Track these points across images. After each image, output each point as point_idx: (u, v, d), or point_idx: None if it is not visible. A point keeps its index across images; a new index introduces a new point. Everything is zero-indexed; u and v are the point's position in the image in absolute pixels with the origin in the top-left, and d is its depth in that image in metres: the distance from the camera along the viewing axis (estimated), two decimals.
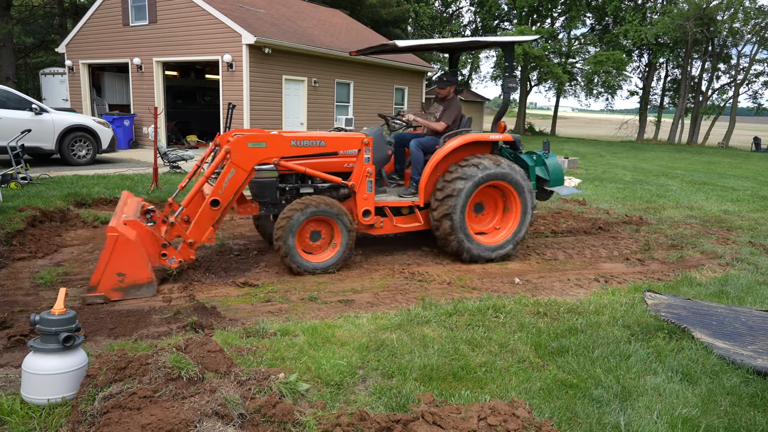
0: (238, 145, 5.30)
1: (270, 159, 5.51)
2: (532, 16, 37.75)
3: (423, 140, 6.48)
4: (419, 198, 6.26)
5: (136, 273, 4.73)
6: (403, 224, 6.34)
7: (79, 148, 12.39)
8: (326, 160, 5.89)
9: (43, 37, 31.59)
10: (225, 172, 5.29)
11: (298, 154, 5.68)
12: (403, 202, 6.26)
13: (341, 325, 4.05)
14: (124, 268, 4.67)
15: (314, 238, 5.69)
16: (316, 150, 5.74)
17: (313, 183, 5.95)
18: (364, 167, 5.85)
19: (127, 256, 4.66)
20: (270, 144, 5.47)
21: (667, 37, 31.88)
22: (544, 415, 2.91)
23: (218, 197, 5.28)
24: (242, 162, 5.33)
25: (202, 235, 5.31)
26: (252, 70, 14.89)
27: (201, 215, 5.28)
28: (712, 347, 3.84)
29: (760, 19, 31.67)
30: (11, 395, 2.86)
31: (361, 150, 5.84)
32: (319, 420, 2.61)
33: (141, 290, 4.80)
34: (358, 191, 5.88)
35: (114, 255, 4.61)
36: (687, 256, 6.93)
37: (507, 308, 4.49)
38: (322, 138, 5.78)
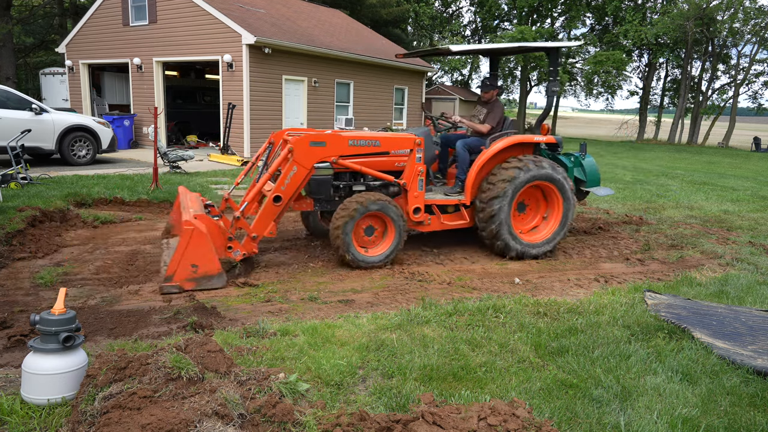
0: (301, 144, 5.53)
1: (329, 157, 5.77)
2: (532, 16, 37.74)
3: (469, 141, 6.71)
4: (466, 197, 6.49)
5: (208, 264, 4.99)
6: (449, 222, 6.57)
7: (79, 148, 12.39)
8: (378, 159, 6.17)
9: (43, 37, 31.59)
10: (287, 170, 5.53)
11: (354, 153, 5.92)
12: (449, 201, 6.51)
13: (341, 325, 4.05)
14: (197, 260, 4.93)
15: (368, 232, 5.95)
16: (370, 149, 5.98)
17: (365, 181, 6.23)
18: (415, 166, 6.10)
19: (200, 248, 4.92)
20: (329, 143, 5.70)
21: (667, 37, 31.88)
22: (544, 415, 2.91)
23: (280, 193, 5.54)
24: (304, 160, 5.56)
25: (264, 229, 5.56)
26: (252, 70, 14.88)
27: (264, 210, 5.53)
28: (712, 347, 3.84)
29: (760, 19, 31.67)
30: (11, 395, 2.86)
31: (413, 150, 6.09)
32: (319, 420, 2.61)
33: (212, 281, 5.04)
34: (410, 189, 6.12)
35: (189, 247, 4.87)
36: (687, 256, 6.93)
37: (507, 308, 4.49)
38: (377, 138, 6.02)
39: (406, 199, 6.20)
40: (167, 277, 4.89)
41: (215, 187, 9.89)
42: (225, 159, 14.38)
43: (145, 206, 8.45)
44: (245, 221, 5.47)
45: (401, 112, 21.84)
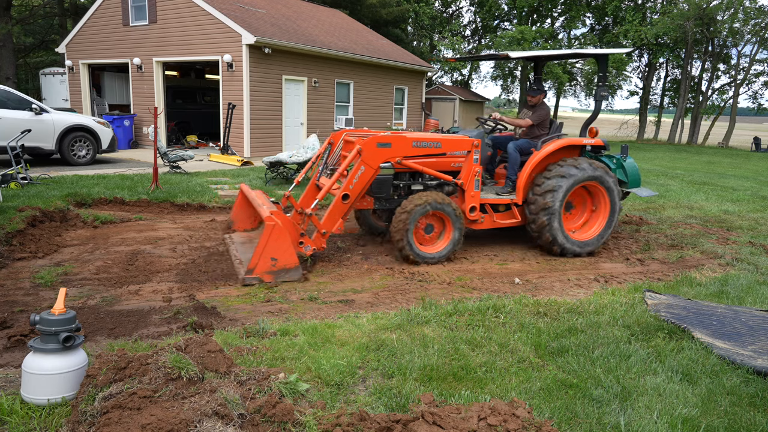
0: (369, 145, 5.82)
1: (394, 158, 6.06)
2: (532, 16, 37.72)
3: (519, 143, 6.93)
4: (517, 196, 6.71)
5: (286, 258, 5.26)
6: (501, 220, 6.81)
7: (79, 148, 12.39)
8: (437, 160, 6.41)
9: (43, 37, 31.57)
10: (355, 170, 5.81)
11: (416, 154, 6.21)
12: (502, 200, 6.76)
13: (341, 325, 4.05)
14: (276, 254, 5.20)
15: (428, 230, 6.21)
16: (432, 150, 6.26)
17: (422, 180, 6.49)
18: (473, 167, 6.38)
19: (280, 242, 5.21)
20: (395, 144, 6.00)
21: (667, 37, 31.86)
22: (544, 415, 2.91)
23: (349, 192, 5.82)
24: (371, 160, 5.85)
25: (333, 225, 5.82)
26: (252, 70, 14.88)
27: (332, 208, 5.79)
28: (712, 347, 3.84)
29: (760, 19, 31.65)
30: (11, 395, 2.86)
31: (471, 151, 6.37)
32: (319, 420, 2.61)
33: (289, 274, 5.30)
34: (467, 189, 6.40)
35: (270, 241, 5.15)
36: (687, 256, 6.93)
37: (507, 308, 4.49)
38: (439, 139, 6.31)
39: (462, 198, 6.48)
40: (249, 269, 5.16)
41: (215, 188, 9.89)
42: (225, 159, 14.38)
43: (145, 206, 8.45)
44: (316, 218, 5.74)
45: (401, 112, 21.84)
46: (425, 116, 23.17)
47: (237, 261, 5.76)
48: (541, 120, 7.06)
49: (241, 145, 15.33)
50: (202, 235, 7.01)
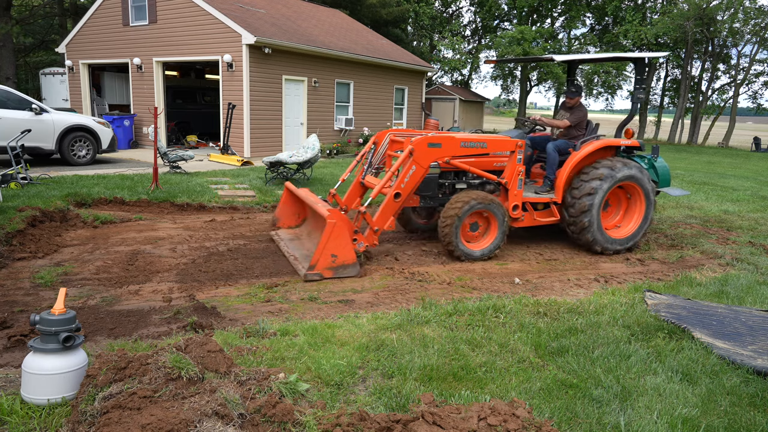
0: (421, 145, 6.01)
1: (443, 158, 6.27)
2: (532, 16, 37.73)
3: (558, 143, 7.11)
4: (557, 194, 6.90)
5: (345, 254, 5.50)
6: (541, 218, 7.01)
7: (79, 148, 12.39)
8: (480, 160, 6.66)
9: (43, 37, 31.56)
10: (407, 169, 6.00)
11: (463, 154, 6.40)
12: (542, 198, 6.95)
13: (341, 325, 4.05)
14: (336, 251, 5.44)
15: (473, 228, 6.40)
16: (478, 151, 6.45)
17: (466, 179, 6.76)
18: (516, 167, 6.56)
19: (339, 240, 5.45)
20: (445, 145, 6.18)
21: (667, 37, 31.85)
22: (544, 415, 2.91)
23: (400, 190, 6.01)
24: (422, 160, 6.05)
25: (385, 223, 6.01)
26: (252, 70, 14.87)
27: (385, 206, 5.98)
28: (712, 347, 3.84)
29: (760, 19, 31.65)
30: (11, 395, 2.86)
31: (515, 151, 6.56)
32: (319, 420, 2.61)
33: (347, 270, 5.54)
34: (511, 188, 6.60)
35: (330, 239, 5.39)
36: (687, 256, 6.93)
37: (507, 308, 4.49)
38: (485, 140, 6.48)
39: (505, 196, 6.68)
40: (311, 266, 5.40)
41: (215, 188, 9.89)
42: (225, 159, 14.38)
43: (145, 206, 8.45)
44: (369, 215, 5.91)
45: (401, 112, 21.84)
46: (425, 116, 23.17)
47: (292, 258, 6.00)
48: (578, 121, 7.24)
49: (241, 145, 15.32)
50: (202, 235, 7.01)
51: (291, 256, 6.03)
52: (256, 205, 8.91)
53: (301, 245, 6.44)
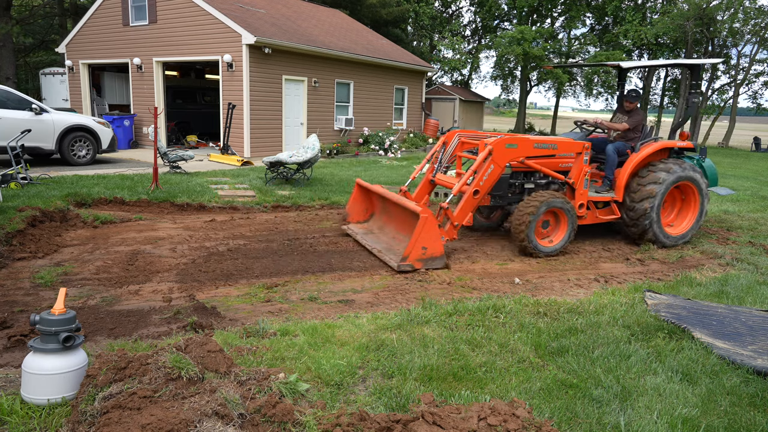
0: (499, 146, 6.34)
1: (518, 158, 6.61)
2: (532, 16, 37.70)
3: (617, 144, 7.46)
4: (617, 194, 7.27)
5: (435, 247, 5.88)
6: (603, 216, 7.38)
7: (79, 148, 12.39)
8: (548, 161, 6.96)
9: (43, 37, 31.55)
10: (486, 168, 6.30)
11: (536, 155, 6.72)
12: (604, 197, 7.28)
13: (341, 325, 4.05)
14: (427, 243, 5.82)
15: (545, 226, 6.73)
16: (548, 152, 6.78)
17: (534, 179, 7.06)
18: (583, 167, 6.93)
19: (430, 233, 5.82)
20: (520, 145, 6.52)
21: (667, 37, 31.84)
22: (544, 415, 2.91)
23: (479, 188, 6.31)
24: (500, 160, 6.37)
25: (464, 218, 6.35)
26: (252, 70, 14.87)
27: (465, 202, 6.28)
28: (712, 347, 3.84)
29: (760, 19, 31.64)
30: (11, 395, 2.86)
31: (582, 153, 6.93)
32: (319, 420, 2.61)
33: (435, 261, 5.91)
34: (577, 187, 6.97)
35: (423, 232, 5.76)
36: (687, 256, 6.93)
37: (507, 308, 4.49)
38: (555, 141, 6.83)
39: (572, 195, 7.04)
40: (403, 257, 5.76)
41: (215, 188, 9.89)
42: (225, 159, 14.38)
43: (145, 206, 8.45)
44: (450, 211, 6.25)
45: (401, 112, 21.83)
46: (425, 116, 23.16)
47: (375, 251, 6.38)
48: (636, 125, 7.55)
49: (241, 145, 15.32)
50: (202, 235, 7.01)
51: (374, 249, 6.42)
52: (256, 205, 8.91)
53: (377, 239, 6.84)
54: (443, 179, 7.00)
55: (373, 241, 6.71)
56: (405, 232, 6.56)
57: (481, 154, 6.29)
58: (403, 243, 6.36)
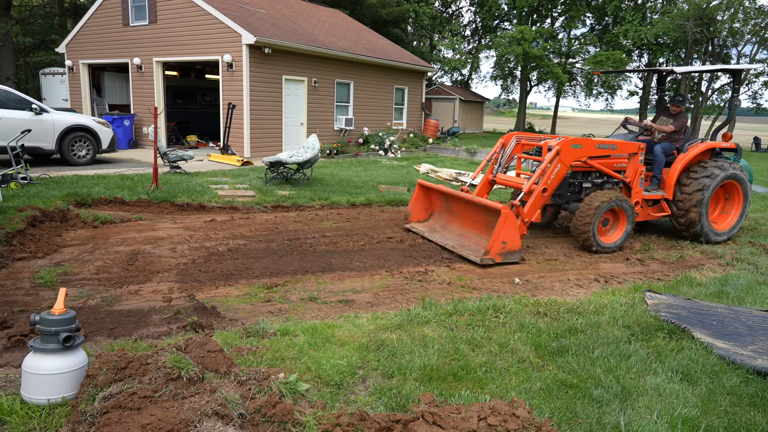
0: (566, 146, 6.64)
1: (582, 158, 6.89)
2: (532, 16, 37.71)
3: (664, 145, 7.80)
4: (667, 192, 7.60)
5: (513, 241, 6.24)
6: (654, 213, 7.72)
7: (79, 148, 12.39)
8: (606, 161, 7.28)
9: (43, 37, 31.55)
10: (553, 167, 6.58)
11: (597, 155, 7.02)
12: (655, 195, 7.60)
13: (341, 325, 4.05)
14: (506, 238, 6.19)
15: (605, 223, 7.03)
16: (608, 152, 7.08)
17: (590, 178, 7.38)
18: (639, 167, 7.24)
19: (510, 229, 6.19)
20: (584, 146, 6.81)
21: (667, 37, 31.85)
22: (544, 415, 2.91)
23: (547, 186, 6.59)
24: (566, 159, 6.68)
25: (533, 215, 6.64)
26: (252, 70, 14.87)
27: (534, 200, 6.56)
28: (712, 347, 3.84)
29: (760, 19, 31.63)
30: (11, 395, 2.86)
31: (637, 153, 7.23)
32: (319, 420, 2.61)
33: (513, 255, 6.28)
34: (633, 186, 7.29)
35: (503, 228, 6.13)
36: (687, 256, 6.93)
37: (507, 308, 4.49)
38: (615, 142, 7.11)
39: (627, 194, 7.35)
40: (486, 251, 6.12)
41: (215, 188, 9.89)
42: (225, 159, 14.38)
43: (145, 206, 8.45)
44: (522, 208, 6.53)
45: (401, 112, 21.83)
46: (425, 116, 23.16)
47: (450, 246, 6.73)
48: (681, 127, 7.90)
49: (241, 145, 15.32)
50: (202, 235, 7.01)
51: (447, 245, 6.77)
52: (256, 205, 8.91)
53: (445, 236, 7.16)
54: (504, 179, 7.32)
55: (440, 238, 7.07)
56: (473, 229, 6.94)
57: (549, 154, 6.60)
58: (471, 239, 6.79)
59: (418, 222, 7.87)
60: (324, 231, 7.52)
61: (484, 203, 6.50)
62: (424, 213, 7.96)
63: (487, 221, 6.64)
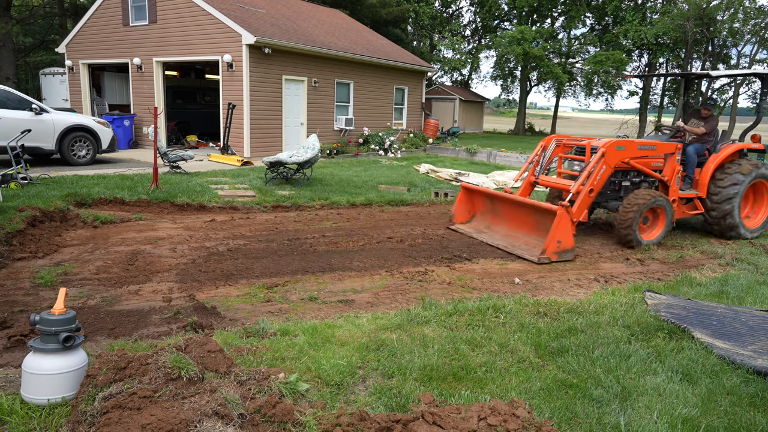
0: (611, 148, 7.00)
1: (625, 159, 7.21)
2: (532, 16, 37.70)
3: (696, 146, 8.07)
4: (700, 191, 7.92)
5: (567, 240, 6.52)
6: (688, 211, 8.03)
7: (79, 148, 12.38)
8: (644, 161, 7.54)
9: (43, 37, 31.55)
10: (599, 168, 6.94)
11: (638, 156, 7.35)
12: (689, 194, 7.92)
13: (341, 325, 4.05)
14: (561, 237, 6.46)
15: (645, 221, 7.32)
16: (648, 153, 7.45)
17: (629, 178, 7.66)
18: (676, 167, 7.59)
19: (564, 228, 6.47)
20: (627, 147, 7.19)
21: (667, 37, 31.84)
22: (544, 415, 2.91)
23: (593, 187, 6.95)
24: (611, 161, 7.05)
25: (581, 215, 6.93)
26: (252, 70, 14.87)
27: (582, 201, 6.88)
28: (712, 347, 3.84)
29: (760, 19, 31.62)
30: (11, 395, 2.86)
31: (675, 153, 7.59)
32: (319, 420, 2.61)
33: (567, 254, 6.55)
34: (671, 185, 7.62)
35: (558, 228, 6.40)
36: (687, 256, 6.93)
37: (507, 308, 4.49)
38: (654, 143, 7.48)
39: (665, 192, 7.64)
40: (543, 250, 6.41)
41: (215, 188, 9.89)
42: (225, 159, 14.38)
43: (145, 206, 8.45)
44: (571, 208, 6.74)
45: (401, 112, 21.83)
46: (425, 116, 23.15)
47: (502, 246, 7.02)
48: (712, 129, 8.21)
49: (241, 145, 15.32)
50: (202, 235, 7.01)
51: (500, 245, 7.05)
52: (256, 205, 8.91)
53: (492, 237, 7.47)
54: (547, 180, 7.67)
55: (489, 239, 7.37)
56: (521, 229, 7.25)
57: (595, 156, 6.95)
58: (520, 239, 7.13)
59: (461, 223, 8.17)
60: (324, 231, 7.52)
61: (537, 204, 6.80)
62: (467, 215, 8.28)
63: (536, 222, 6.96)
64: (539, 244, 6.66)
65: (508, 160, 17.52)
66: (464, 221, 8.23)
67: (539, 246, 6.61)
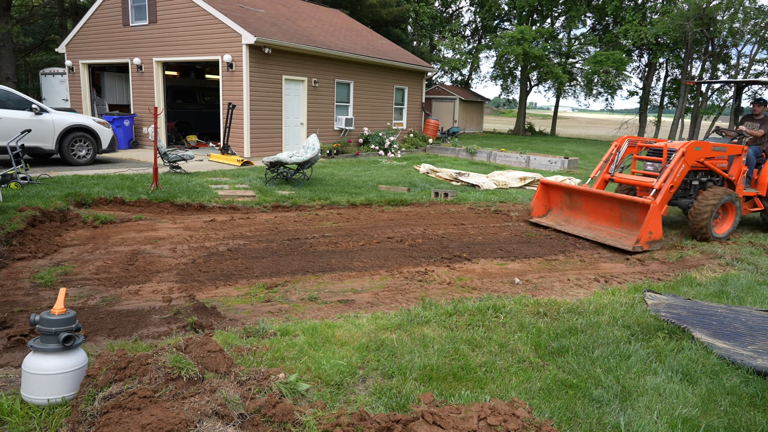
0: (690, 148, 7.53)
1: (700, 159, 7.70)
2: (532, 16, 37.72)
3: (754, 148, 8.55)
4: (760, 190, 8.43)
5: (657, 231, 7.04)
6: (749, 208, 8.52)
7: (79, 148, 12.38)
8: (713, 161, 7.96)
9: (43, 37, 31.56)
10: (678, 167, 7.45)
11: (710, 156, 7.84)
12: (750, 192, 8.40)
13: (341, 325, 4.05)
14: (652, 228, 6.97)
15: (716, 216, 7.78)
16: (718, 153, 7.93)
17: (698, 177, 8.10)
18: (741, 167, 8.12)
19: (655, 220, 6.96)
20: (703, 148, 7.69)
21: (667, 37, 31.85)
22: (544, 415, 2.91)
23: (674, 184, 7.46)
24: (689, 160, 7.58)
25: (662, 209, 7.42)
26: (252, 70, 14.87)
27: (663, 195, 7.35)
28: (712, 347, 3.84)
29: (760, 19, 31.63)
30: (11, 395, 2.86)
31: (741, 155, 8.12)
32: (319, 420, 2.61)
33: (656, 244, 7.08)
34: (737, 184, 8.13)
35: (650, 220, 6.90)
36: (687, 256, 6.93)
37: (507, 308, 4.49)
38: (725, 145, 7.97)
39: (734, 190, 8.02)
40: (637, 240, 6.92)
41: (215, 188, 9.89)
42: (225, 159, 14.38)
43: (145, 206, 8.45)
44: (655, 202, 7.03)
45: (401, 112, 21.83)
46: (425, 116, 23.15)
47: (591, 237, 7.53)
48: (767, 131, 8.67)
49: (241, 145, 15.32)
50: (202, 235, 7.01)
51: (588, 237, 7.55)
52: (256, 205, 8.91)
53: (573, 229, 7.92)
54: (622, 177, 8.09)
55: (572, 230, 7.86)
56: (604, 222, 7.69)
57: (675, 156, 7.46)
58: (604, 231, 7.59)
59: (539, 217, 8.61)
60: (324, 231, 7.52)
61: (628, 198, 7.20)
62: (543, 209, 8.70)
63: (621, 214, 7.43)
64: (625, 235, 7.19)
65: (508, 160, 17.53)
66: (541, 215, 8.63)
67: (625, 237, 7.16)
